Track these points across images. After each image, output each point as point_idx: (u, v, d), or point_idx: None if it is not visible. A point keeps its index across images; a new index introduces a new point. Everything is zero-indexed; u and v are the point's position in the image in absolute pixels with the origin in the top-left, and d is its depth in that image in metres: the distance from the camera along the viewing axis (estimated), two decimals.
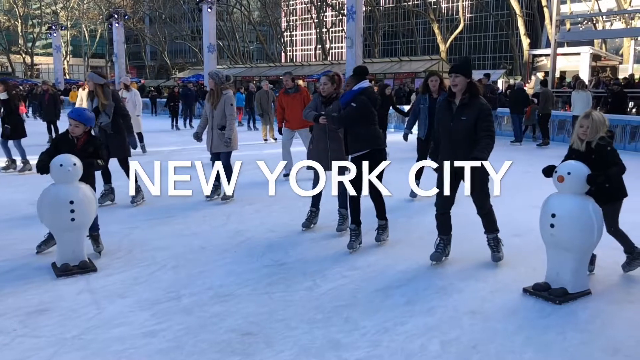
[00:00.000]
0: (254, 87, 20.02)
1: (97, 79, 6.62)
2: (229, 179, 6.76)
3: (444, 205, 4.52)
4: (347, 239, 5.04)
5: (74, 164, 4.26)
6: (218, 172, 6.93)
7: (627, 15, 30.84)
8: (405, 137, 7.55)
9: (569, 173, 3.80)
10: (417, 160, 6.74)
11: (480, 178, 4.20)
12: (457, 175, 4.22)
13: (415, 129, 7.38)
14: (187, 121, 19.78)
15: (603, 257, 4.55)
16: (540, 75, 19.59)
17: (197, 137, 7.04)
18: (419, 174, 6.43)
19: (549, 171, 3.99)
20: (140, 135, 11.55)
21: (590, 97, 12.45)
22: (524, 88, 15.10)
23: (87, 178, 4.52)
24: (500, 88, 23.77)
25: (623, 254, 4.40)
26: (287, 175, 8.36)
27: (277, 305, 3.77)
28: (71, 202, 4.19)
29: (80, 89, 11.65)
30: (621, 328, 3.42)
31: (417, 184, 6.42)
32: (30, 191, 5.26)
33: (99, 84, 6.54)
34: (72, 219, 4.22)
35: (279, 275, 4.35)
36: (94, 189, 4.70)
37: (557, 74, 21.23)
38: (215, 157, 6.98)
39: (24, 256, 4.74)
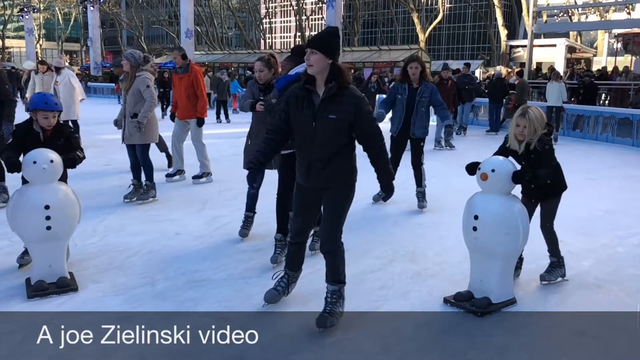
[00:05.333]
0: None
1: None
2: (148, 176, 6.12)
3: (299, 232, 3.49)
4: None
5: (51, 161, 3.59)
6: (136, 169, 6.15)
7: (601, 8, 31.35)
8: (381, 118, 5.67)
9: (493, 170, 3.43)
10: (390, 160, 6.13)
11: (338, 203, 3.28)
12: (317, 193, 3.33)
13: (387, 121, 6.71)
14: None
15: (573, 243, 4.68)
16: (504, 70, 19.87)
17: (117, 124, 6.20)
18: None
19: (472, 168, 3.58)
20: (75, 124, 9.95)
21: (563, 88, 12.64)
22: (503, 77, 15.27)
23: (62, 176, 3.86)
24: (478, 78, 24.00)
25: (592, 241, 4.51)
26: (169, 176, 7.27)
27: (252, 290, 3.77)
28: (47, 207, 3.53)
29: (32, 72, 10.69)
30: (589, 310, 3.51)
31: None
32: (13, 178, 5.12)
33: None
34: (48, 227, 3.55)
35: (255, 260, 4.35)
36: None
37: (534, 65, 21.51)
38: (130, 150, 6.12)
39: None
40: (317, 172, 3.20)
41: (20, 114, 8.19)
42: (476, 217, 3.41)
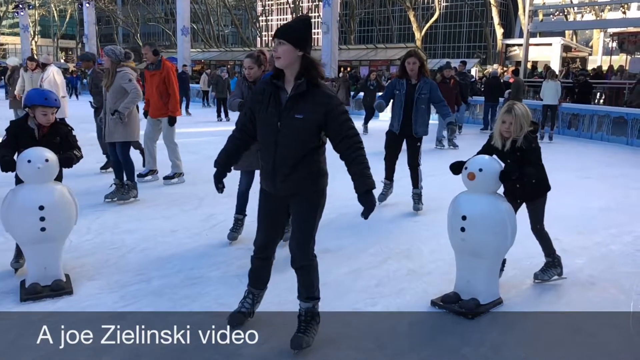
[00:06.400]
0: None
1: None
2: (129, 175, 5.99)
3: (265, 246, 3.14)
4: (319, 226, 5.00)
5: (46, 160, 3.48)
6: (117, 168, 5.99)
7: (597, 7, 31.45)
8: (381, 108, 5.73)
9: (480, 170, 3.37)
10: (386, 160, 5.89)
11: (307, 213, 2.96)
12: (283, 201, 2.99)
13: (384, 116, 6.60)
14: (184, 107, 17.72)
15: (567, 241, 4.71)
16: (500, 68, 19.96)
17: (101, 121, 6.21)
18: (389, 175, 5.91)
19: (457, 167, 3.54)
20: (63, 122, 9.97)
21: (559, 86, 12.69)
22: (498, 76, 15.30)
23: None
24: (474, 76, 24.05)
25: (586, 238, 4.53)
26: (141, 176, 6.95)
27: None
28: (41, 208, 3.42)
29: (22, 70, 10.06)
30: (583, 308, 3.53)
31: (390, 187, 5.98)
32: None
33: None
34: (42, 229, 3.44)
35: (250, 258, 4.34)
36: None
37: (529, 64, 21.57)
38: (110, 148, 6.06)
39: None
40: (283, 177, 2.87)
41: (4, 112, 8.02)
42: (464, 218, 3.34)
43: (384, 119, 6.00)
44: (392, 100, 5.78)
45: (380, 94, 11.89)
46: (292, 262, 3.03)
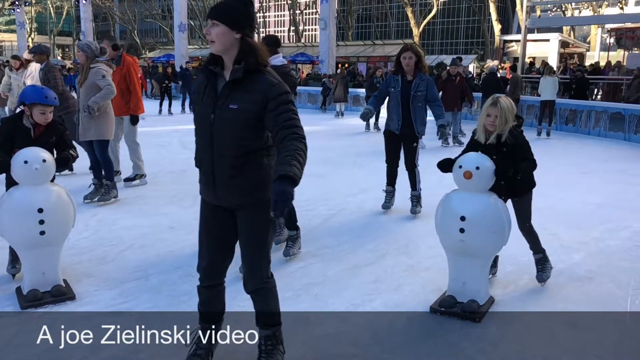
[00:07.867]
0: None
1: None
2: (108, 175, 5.79)
3: (212, 272, 2.69)
4: (318, 223, 5.02)
5: (44, 160, 3.33)
6: (95, 168, 5.79)
7: (594, 3, 31.45)
8: (366, 117, 5.48)
9: (477, 168, 3.24)
10: (387, 162, 5.60)
11: (258, 227, 2.54)
12: (228, 214, 2.56)
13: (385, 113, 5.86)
14: (188, 105, 17.12)
15: (564, 236, 4.72)
16: (495, 62, 19.99)
17: (76, 119, 5.96)
18: (392, 179, 5.64)
19: (446, 165, 3.44)
20: None
21: (557, 82, 12.68)
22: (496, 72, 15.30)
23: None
24: (472, 73, 24.04)
25: (583, 234, 4.53)
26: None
27: None
28: (40, 211, 3.26)
29: (7, 69, 9.55)
30: (580, 303, 3.55)
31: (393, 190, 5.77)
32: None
33: None
34: (42, 232, 3.29)
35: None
36: None
37: (527, 60, 21.57)
38: (88, 147, 5.82)
39: None
40: (224, 183, 2.44)
41: None
42: (463, 218, 3.21)
43: (384, 116, 5.84)
44: (387, 99, 5.50)
45: None
46: (244, 285, 2.61)
